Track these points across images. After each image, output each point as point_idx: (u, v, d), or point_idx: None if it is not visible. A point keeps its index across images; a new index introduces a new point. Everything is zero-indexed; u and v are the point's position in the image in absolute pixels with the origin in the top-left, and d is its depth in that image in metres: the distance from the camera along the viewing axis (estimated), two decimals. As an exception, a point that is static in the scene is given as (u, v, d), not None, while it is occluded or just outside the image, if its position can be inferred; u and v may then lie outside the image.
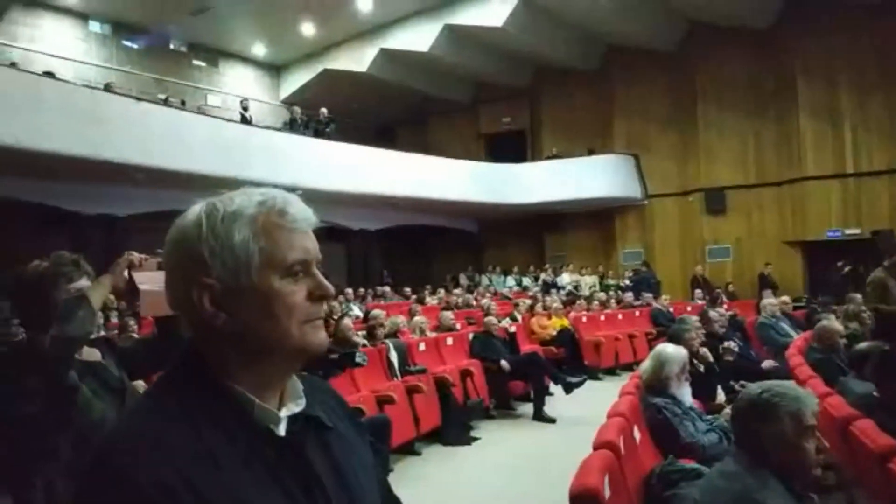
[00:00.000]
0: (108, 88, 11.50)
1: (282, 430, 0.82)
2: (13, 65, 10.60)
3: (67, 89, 9.89)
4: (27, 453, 1.79)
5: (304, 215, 0.84)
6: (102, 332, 6.48)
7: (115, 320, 7.67)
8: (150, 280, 1.81)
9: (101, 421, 1.77)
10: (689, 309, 9.59)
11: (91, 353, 1.91)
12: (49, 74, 10.60)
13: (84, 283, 1.87)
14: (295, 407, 0.85)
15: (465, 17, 14.47)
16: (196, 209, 0.83)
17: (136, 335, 5.93)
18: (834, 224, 13.60)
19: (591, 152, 16.30)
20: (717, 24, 14.56)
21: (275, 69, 17.96)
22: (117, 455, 0.72)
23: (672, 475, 2.56)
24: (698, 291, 12.44)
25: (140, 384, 3.38)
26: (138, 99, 11.08)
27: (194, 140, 10.78)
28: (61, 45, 13.86)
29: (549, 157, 16.77)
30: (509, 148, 17.92)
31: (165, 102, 12.26)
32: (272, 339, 0.80)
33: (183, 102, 13.81)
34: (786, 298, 8.65)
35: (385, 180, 13.82)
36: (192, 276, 0.79)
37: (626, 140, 16.28)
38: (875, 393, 3.25)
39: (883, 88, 13.15)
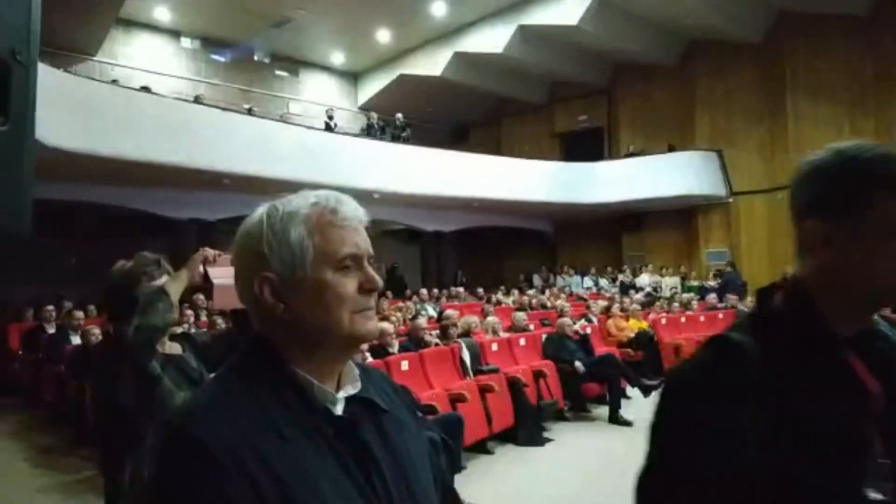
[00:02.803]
0: (197, 100, 12.17)
1: (339, 410, 0.88)
2: (114, 82, 11.40)
3: (162, 103, 10.55)
4: (120, 440, 1.94)
5: (354, 213, 0.91)
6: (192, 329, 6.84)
7: (204, 319, 8.09)
8: (224, 275, 1.92)
9: None
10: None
11: (172, 347, 2.07)
12: (145, 89, 11.33)
13: (164, 280, 2.01)
14: (352, 389, 0.91)
15: (538, 17, 14.37)
16: (260, 211, 0.91)
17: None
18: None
19: (671, 149, 15.78)
20: (810, 11, 13.77)
21: (352, 76, 18.45)
22: (192, 426, 0.79)
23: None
24: (788, 293, 11.80)
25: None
26: (225, 109, 11.68)
27: (278, 147, 11.24)
28: (156, 61, 14.80)
29: (627, 155, 16.38)
30: (585, 146, 17.62)
31: (250, 112, 12.84)
32: (325, 327, 0.87)
33: (255, 111, 14.40)
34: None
35: (459, 182, 13.92)
36: (256, 270, 0.87)
37: (708, 136, 15.68)
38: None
39: None
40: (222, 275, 1.93)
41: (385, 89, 17.42)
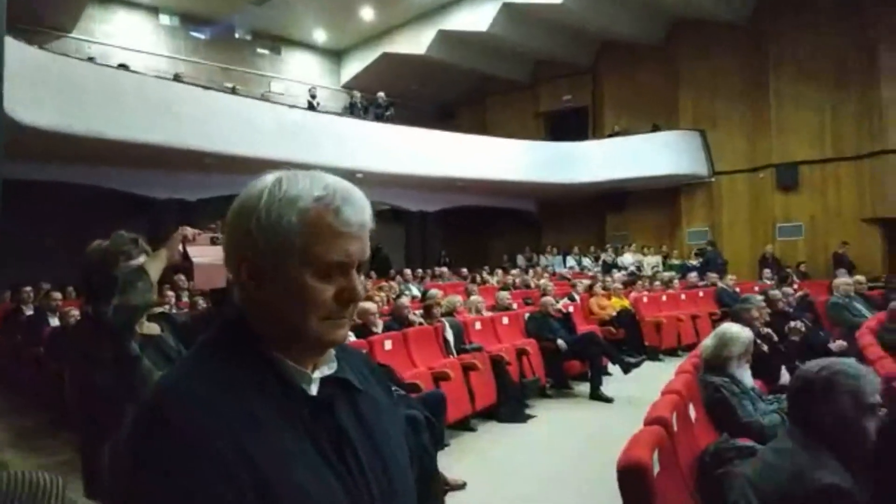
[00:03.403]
0: (177, 79, 11.97)
1: (314, 391, 0.86)
2: (91, 59, 11.17)
3: (141, 81, 10.36)
4: (99, 422, 1.93)
5: (358, 219, 0.84)
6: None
7: (185, 299, 8.04)
8: (203, 254, 1.90)
9: None
10: (755, 289, 9.24)
11: (151, 328, 2.05)
12: (123, 67, 11.12)
13: (143, 259, 1.99)
14: (327, 370, 0.89)
15: (523, -5, 14.25)
16: (267, 180, 0.85)
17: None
18: (919, 200, 12.78)
19: (655, 129, 15.83)
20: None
21: (335, 54, 18.22)
22: (165, 407, 0.77)
23: (726, 453, 2.51)
24: (767, 271, 11.97)
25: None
26: (206, 88, 11.50)
27: (260, 126, 11.12)
28: (134, 38, 14.50)
29: (611, 135, 16.40)
30: (570, 126, 17.62)
31: (233, 91, 12.65)
32: (292, 325, 0.83)
33: (238, 90, 14.20)
34: (860, 278, 8.21)
35: (444, 162, 13.88)
36: (239, 241, 0.84)
37: (692, 116, 15.73)
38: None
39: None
40: (202, 254, 1.92)
41: (368, 68, 17.23)
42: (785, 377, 4.55)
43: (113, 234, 2.07)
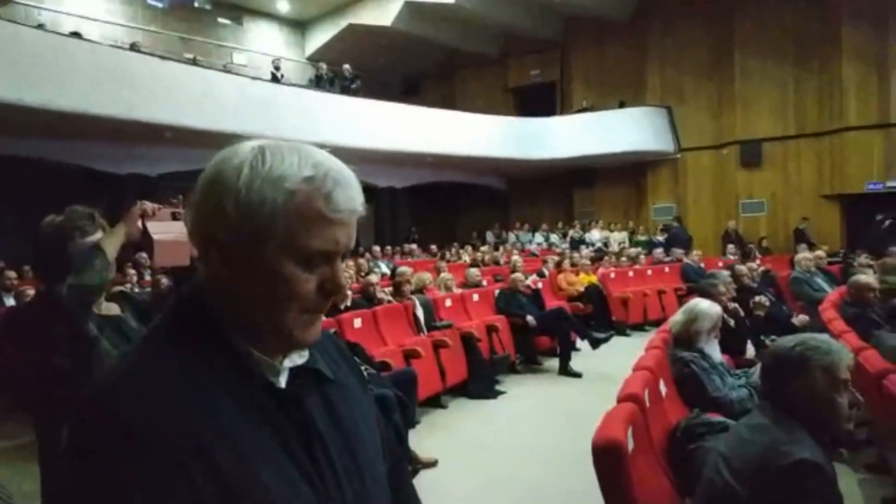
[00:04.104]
0: (134, 48, 11.51)
1: (282, 382, 0.79)
2: (40, 26, 10.66)
3: (95, 50, 9.93)
4: (56, 406, 1.83)
5: (349, 205, 0.75)
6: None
7: (147, 278, 7.83)
8: (164, 229, 1.80)
9: None
10: (720, 265, 9.40)
11: (110, 308, 1.95)
12: (76, 35, 10.64)
13: (99, 235, 1.88)
14: (298, 358, 0.81)
15: (492, -34, 14.05)
16: (248, 150, 0.75)
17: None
18: (875, 177, 13.12)
19: (622, 105, 15.89)
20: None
21: (299, 25, 17.76)
22: (112, 397, 0.69)
23: (697, 428, 2.53)
24: (731, 247, 12.19)
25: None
26: (164, 58, 11.09)
27: (222, 99, 10.80)
28: (87, 4, 13.88)
29: (579, 111, 16.41)
30: (538, 101, 17.55)
31: (194, 62, 12.24)
32: (265, 317, 0.75)
33: (203, 62, 13.78)
34: (820, 253, 8.41)
35: (412, 137, 13.72)
36: (211, 219, 0.74)
37: (659, 92, 15.82)
38: (912, 346, 3.16)
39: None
40: (163, 230, 1.81)
41: (333, 39, 16.84)
42: (751, 351, 4.63)
43: (67, 209, 1.95)
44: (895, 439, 3.01)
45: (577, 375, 6.56)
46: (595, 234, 15.37)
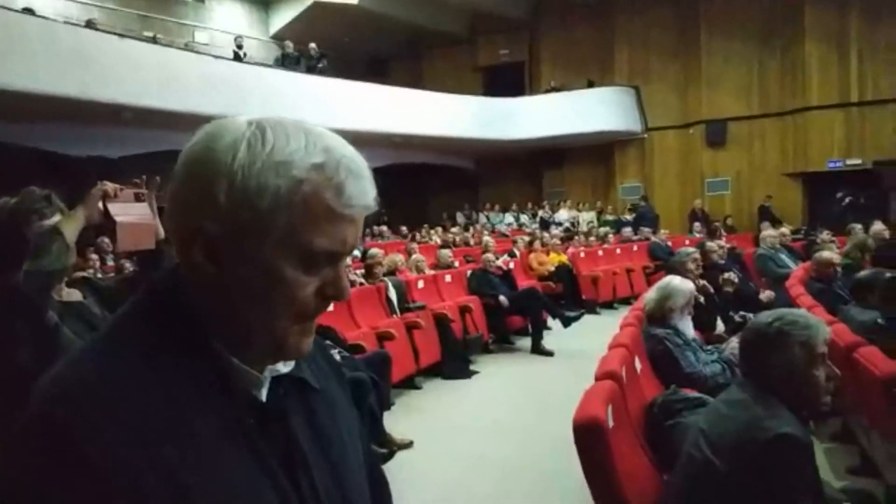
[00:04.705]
0: (90, 25, 11.09)
1: (264, 394, 0.69)
2: (-10, 1, 10.18)
3: (49, 27, 9.53)
4: (17, 398, 1.74)
5: (361, 200, 0.65)
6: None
7: (111, 263, 7.63)
8: (127, 212, 1.72)
9: None
10: (686, 242, 9.55)
11: (71, 294, 1.85)
12: (28, 11, 10.19)
13: (57, 218, 1.78)
14: (282, 367, 0.71)
15: (459, -57, 13.85)
16: (242, 126, 0.64)
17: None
18: (836, 154, 13.42)
19: (590, 84, 15.92)
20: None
21: (263, 3, 17.30)
22: (61, 412, 0.56)
23: (675, 404, 2.54)
24: (697, 225, 12.39)
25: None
26: (122, 36, 10.71)
27: (184, 78, 10.49)
28: (38, -21, 13.30)
29: (548, 91, 16.40)
30: (507, 81, 17.47)
31: (154, 41, 11.85)
32: (252, 324, 0.65)
33: (164, 40, 13.37)
34: (785, 230, 8.60)
35: (380, 117, 13.56)
36: (195, 208, 0.63)
37: (627, 71, 15.88)
38: (879, 319, 3.23)
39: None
40: (126, 212, 1.72)
41: (299, 18, 16.43)
42: (720, 327, 4.71)
43: (22, 191, 1.84)
44: (861, 410, 3.09)
45: (549, 354, 6.61)
46: (563, 214, 15.45)
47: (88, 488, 0.54)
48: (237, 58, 12.73)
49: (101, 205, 1.75)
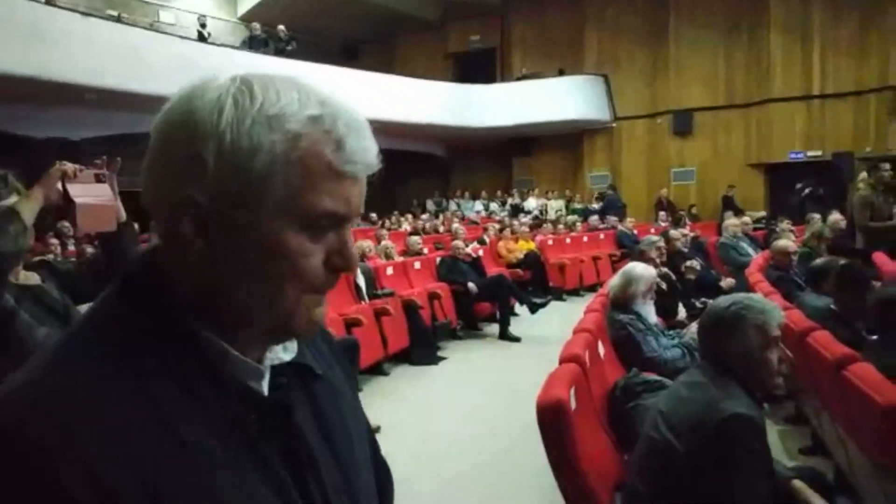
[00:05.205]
0: (50, 2, 10.73)
1: (264, 387, 0.62)
2: (-59, -26, 9.78)
3: (7, 2, 9.17)
4: None
5: (364, 157, 0.59)
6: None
7: (72, 248, 7.46)
8: (87, 193, 1.68)
9: (45, 344, 1.70)
10: (652, 231, 9.70)
11: (29, 277, 1.81)
12: (-18, -15, 9.81)
13: (14, 199, 1.74)
14: (283, 353, 0.65)
15: (430, -73, 13.72)
16: (225, 83, 0.58)
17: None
18: (797, 146, 13.73)
19: (561, 72, 15.99)
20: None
21: (230, -17, 16.94)
22: (27, 426, 0.48)
23: (635, 387, 2.61)
24: (662, 214, 12.59)
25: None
26: (85, 14, 10.39)
27: (148, 59, 10.22)
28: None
29: (519, 78, 16.42)
30: (478, 68, 17.46)
31: (118, 19, 11.52)
32: (255, 303, 0.58)
33: (128, 19, 13.01)
34: (747, 219, 8.79)
35: (349, 101, 13.40)
36: (180, 177, 0.56)
37: (596, 59, 15.97)
38: (832, 305, 3.35)
39: (859, 4, 12.92)
40: (86, 193, 1.69)
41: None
42: (682, 313, 4.82)
43: None
44: (813, 393, 3.21)
45: (517, 340, 6.68)
46: (531, 202, 15.55)
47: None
48: (201, 38, 12.47)
49: (60, 186, 1.71)
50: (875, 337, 2.85)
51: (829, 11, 13.21)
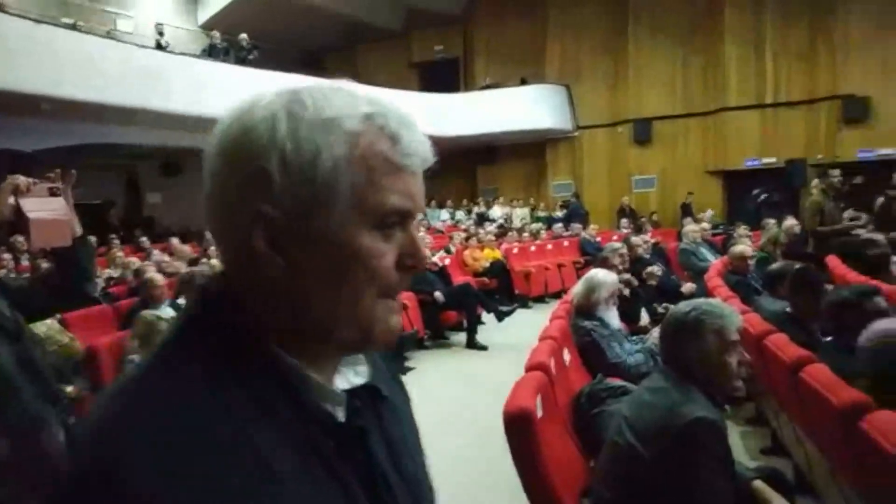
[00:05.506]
0: (2, 10, 10.42)
1: (340, 413, 0.61)
2: None
3: (-49, 9, 8.92)
4: None
5: (420, 149, 0.61)
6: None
7: (25, 263, 7.24)
8: (41, 207, 1.63)
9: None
10: (615, 238, 9.85)
11: None
12: (-72, -9, 9.50)
13: None
14: (355, 376, 0.64)
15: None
16: (269, 101, 0.58)
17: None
18: (752, 153, 14.13)
19: (523, 82, 16.17)
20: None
21: (190, -9, 16.72)
22: (120, 468, 0.48)
23: (600, 393, 2.64)
24: (624, 221, 12.80)
25: (50, 323, 3.16)
26: (38, 21, 10.12)
27: (105, 68, 9.99)
28: (-59, -42, 12.39)
29: (482, 87, 16.55)
30: (442, 77, 17.53)
31: (74, 27, 11.24)
32: (332, 317, 0.58)
33: (84, 27, 12.72)
34: (705, 225, 9.00)
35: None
36: (246, 194, 0.56)
37: (558, 68, 16.18)
38: (788, 309, 3.44)
39: (808, 15, 13.35)
40: (40, 207, 1.64)
41: (229, 8, 15.95)
42: (645, 318, 4.90)
43: None
44: (771, 394, 3.29)
45: (484, 348, 6.70)
46: (496, 211, 15.65)
47: None
48: (159, 46, 12.25)
49: (12, 200, 1.66)
50: (829, 339, 2.93)
51: (781, 22, 13.64)
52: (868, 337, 2.22)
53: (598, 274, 3.65)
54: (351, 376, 0.64)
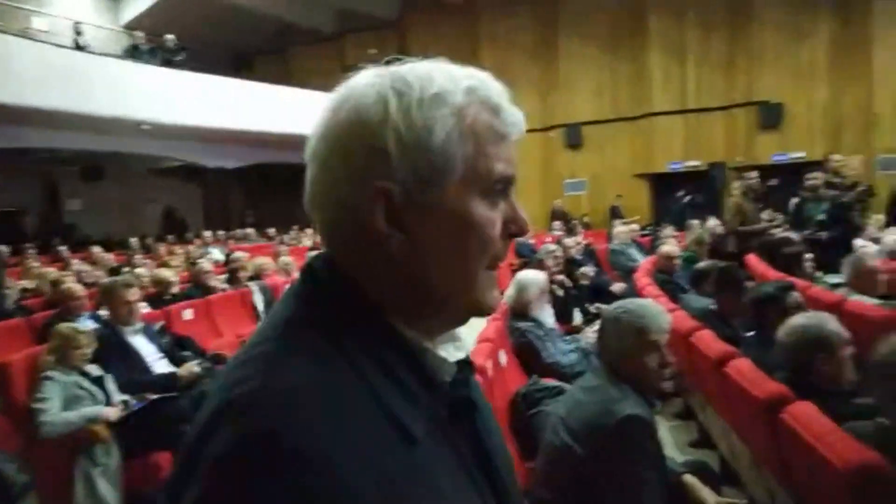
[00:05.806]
0: None
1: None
2: None
3: None
4: None
5: (517, 119, 0.64)
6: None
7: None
8: None
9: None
10: (548, 240, 10.02)
11: None
12: None
13: None
14: (455, 350, 0.66)
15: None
16: (371, 81, 0.61)
17: None
18: (676, 157, 14.71)
19: (458, 87, 16.27)
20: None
21: (111, -11, 16.02)
22: (283, 430, 0.48)
23: (536, 394, 2.67)
24: (557, 223, 13.05)
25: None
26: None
27: (20, 68, 9.42)
28: None
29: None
30: (377, 82, 17.43)
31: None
32: (449, 284, 0.59)
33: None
34: (634, 227, 9.28)
35: (243, 114, 13.01)
36: (365, 174, 0.57)
37: (492, 74, 16.22)
38: (712, 306, 3.58)
39: (728, 23, 13.97)
40: None
41: (154, 7, 15.38)
42: (578, 318, 5.01)
43: None
44: (698, 389, 3.41)
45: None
46: (434, 214, 15.69)
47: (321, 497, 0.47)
48: (77, 46, 11.68)
49: None
50: (751, 333, 3.06)
51: (702, 30, 14.27)
52: (786, 332, 2.33)
53: (527, 274, 3.72)
54: (452, 350, 0.66)
